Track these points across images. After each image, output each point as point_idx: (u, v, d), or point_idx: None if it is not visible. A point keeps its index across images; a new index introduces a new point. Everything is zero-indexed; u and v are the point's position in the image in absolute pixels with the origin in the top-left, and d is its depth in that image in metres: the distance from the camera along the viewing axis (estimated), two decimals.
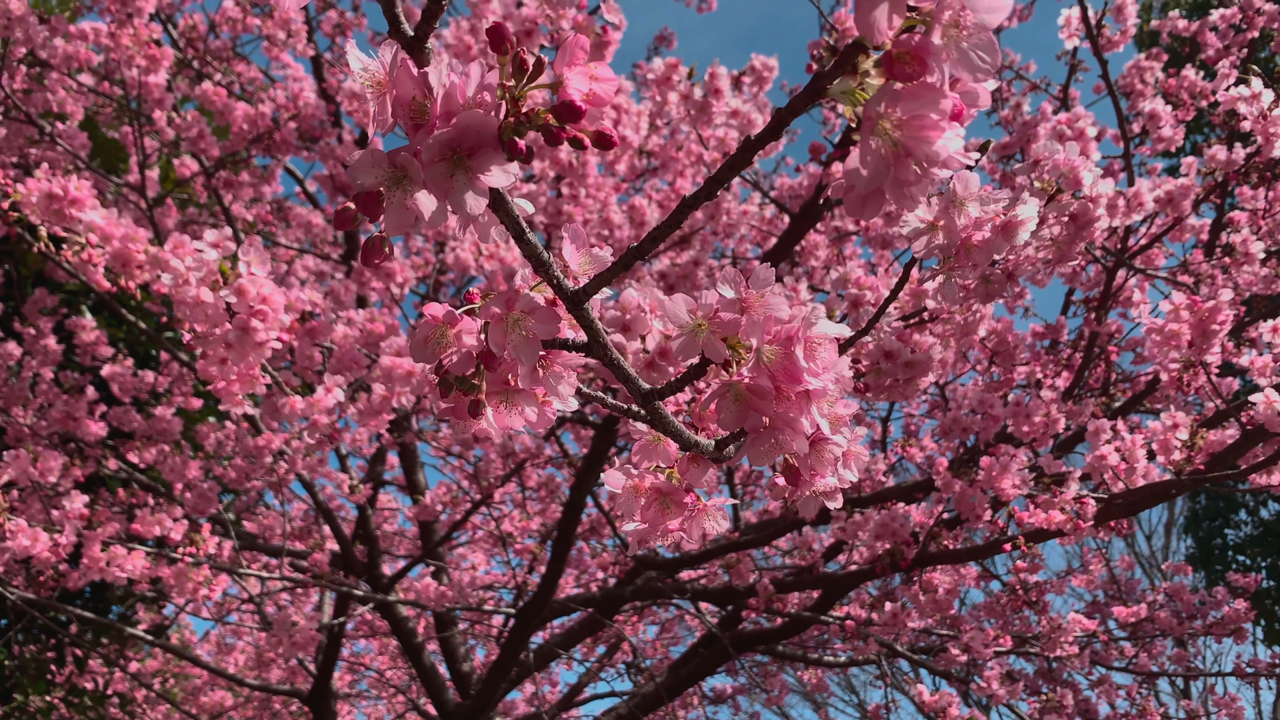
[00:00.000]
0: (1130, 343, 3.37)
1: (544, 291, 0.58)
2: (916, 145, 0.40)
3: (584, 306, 0.53)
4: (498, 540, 4.75)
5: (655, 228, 0.48)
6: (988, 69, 0.39)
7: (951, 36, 0.38)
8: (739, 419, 0.54)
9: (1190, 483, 2.17)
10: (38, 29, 2.86)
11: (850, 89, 0.40)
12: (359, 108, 3.17)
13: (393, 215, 0.44)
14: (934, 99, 0.38)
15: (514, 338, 0.53)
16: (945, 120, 0.39)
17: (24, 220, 1.96)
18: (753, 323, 0.52)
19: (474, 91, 0.42)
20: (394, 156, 0.43)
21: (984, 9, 0.38)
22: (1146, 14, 10.54)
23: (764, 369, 0.52)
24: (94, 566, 2.51)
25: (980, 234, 1.27)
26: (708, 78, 3.07)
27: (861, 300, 2.00)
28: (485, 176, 0.42)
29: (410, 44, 0.44)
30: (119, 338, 5.18)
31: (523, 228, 0.48)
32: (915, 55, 0.38)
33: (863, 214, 0.42)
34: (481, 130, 0.42)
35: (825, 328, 0.52)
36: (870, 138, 0.40)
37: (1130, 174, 2.87)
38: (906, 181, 0.40)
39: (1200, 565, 10.20)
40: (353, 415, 2.63)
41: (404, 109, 0.43)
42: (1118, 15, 3.19)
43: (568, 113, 0.42)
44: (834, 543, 3.47)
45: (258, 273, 1.65)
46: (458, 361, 0.56)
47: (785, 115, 0.42)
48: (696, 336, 0.54)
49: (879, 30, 0.38)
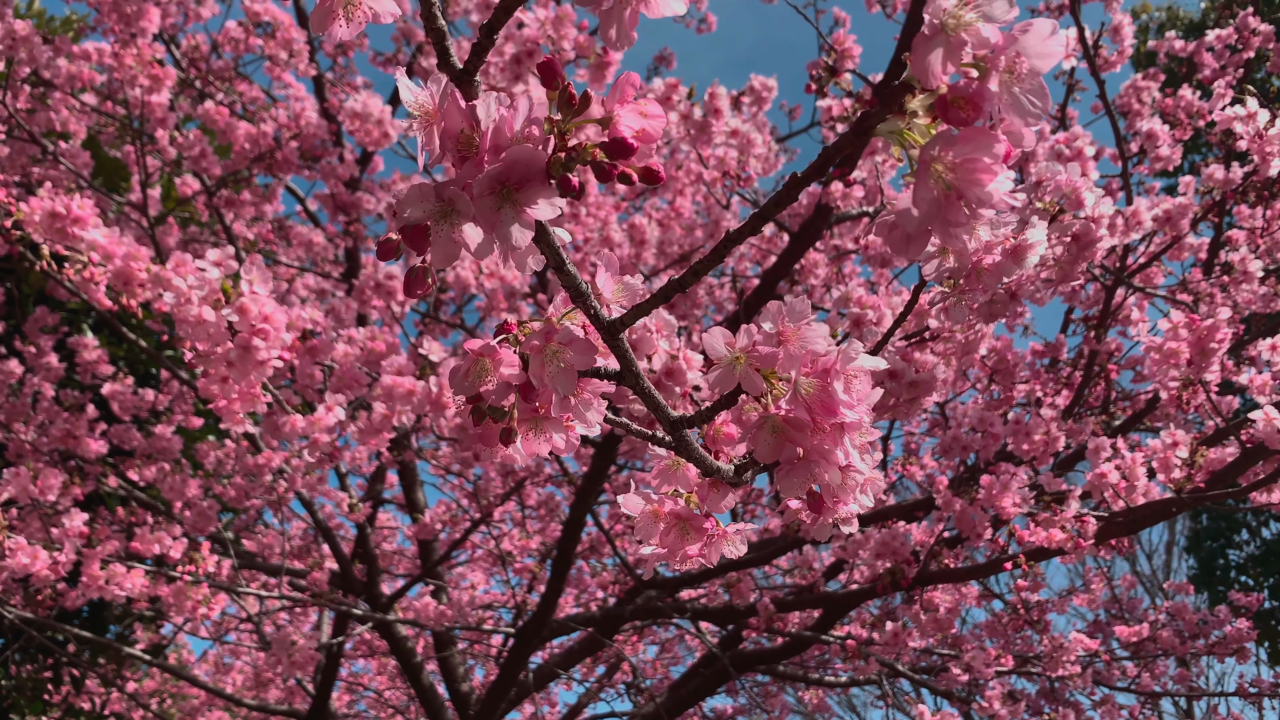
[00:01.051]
0: (1130, 361, 3.39)
1: (575, 319, 0.58)
2: (969, 188, 0.40)
3: (619, 336, 0.53)
4: (497, 559, 4.74)
5: (698, 262, 0.49)
6: (1038, 113, 0.39)
7: (1005, 82, 0.39)
8: (776, 451, 0.54)
9: (1191, 501, 2.18)
10: (42, 49, 2.87)
11: (898, 129, 0.41)
12: (360, 127, 3.18)
13: (439, 248, 0.44)
14: (989, 143, 0.39)
15: (552, 369, 0.54)
16: (999, 163, 0.39)
17: (26, 239, 1.96)
18: (790, 356, 0.52)
19: (522, 125, 0.43)
20: (442, 190, 0.44)
21: (1037, 55, 0.39)
22: (1144, 34, 10.64)
23: (802, 401, 0.52)
24: (93, 584, 2.50)
25: (991, 258, 1.28)
26: (707, 98, 3.09)
27: (863, 319, 2.01)
28: (532, 210, 0.43)
29: (459, 77, 0.45)
30: (119, 356, 5.17)
31: (563, 258, 0.49)
32: (971, 101, 0.38)
33: (908, 253, 0.42)
34: (530, 164, 0.42)
35: (863, 361, 0.52)
36: (927, 179, 0.40)
37: (1128, 193, 2.89)
38: (956, 223, 0.41)
39: (1202, 585, 10.19)
40: (353, 434, 2.63)
41: (452, 141, 0.44)
42: (1114, 36, 3.22)
43: (619, 149, 0.43)
44: (835, 562, 3.47)
45: (260, 291, 1.65)
46: (496, 392, 0.56)
47: (832, 153, 0.42)
48: (734, 369, 0.55)
49: (934, 75, 0.38)
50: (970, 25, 0.38)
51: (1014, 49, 0.38)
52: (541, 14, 3.41)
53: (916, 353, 2.05)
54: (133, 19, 2.96)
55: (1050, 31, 0.39)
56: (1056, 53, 0.39)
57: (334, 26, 0.45)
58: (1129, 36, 3.17)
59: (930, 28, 0.38)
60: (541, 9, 3.59)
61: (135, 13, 2.96)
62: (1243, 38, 3.39)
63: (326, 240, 4.36)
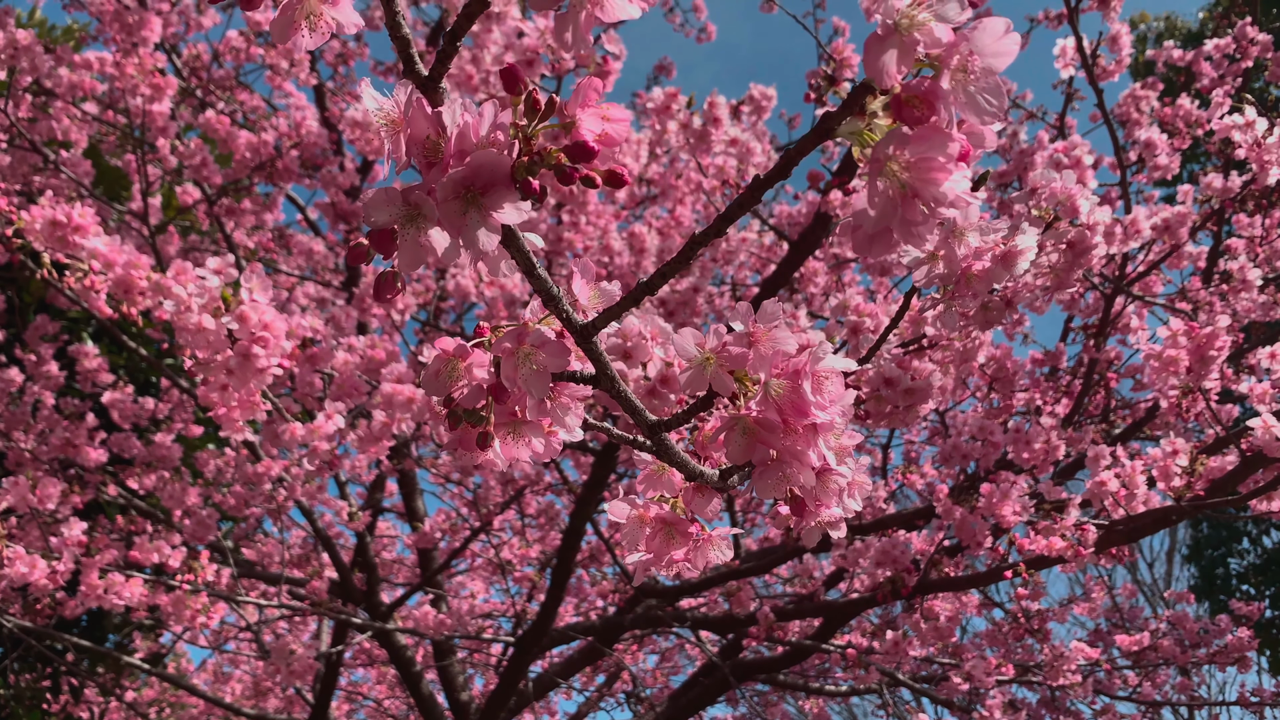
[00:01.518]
0: (1129, 369, 3.38)
1: (552, 324, 0.58)
2: (924, 187, 0.40)
3: (593, 340, 0.53)
4: (497, 568, 4.73)
5: (664, 265, 0.49)
6: (995, 112, 0.39)
7: (959, 81, 0.39)
8: (747, 452, 0.54)
9: (1191, 509, 2.17)
10: (44, 58, 2.89)
11: (859, 130, 0.41)
12: (360, 136, 3.19)
13: (406, 252, 0.45)
14: (942, 142, 0.39)
15: (524, 371, 0.54)
16: (953, 162, 0.39)
17: (27, 247, 1.97)
18: (761, 357, 0.52)
19: (487, 130, 0.43)
20: (408, 194, 0.44)
21: (991, 54, 0.39)
22: (1142, 44, 10.65)
23: (772, 403, 0.52)
24: (92, 593, 2.50)
25: (980, 263, 1.28)
26: (707, 107, 3.10)
27: (861, 327, 2.01)
28: (498, 214, 0.43)
29: (425, 84, 0.45)
30: (119, 364, 5.18)
31: (533, 263, 0.49)
32: (924, 99, 0.38)
33: (870, 252, 0.42)
34: (495, 169, 0.42)
35: (832, 362, 0.52)
36: (878, 179, 0.40)
37: (1127, 201, 2.88)
38: (914, 221, 0.41)
39: (1203, 594, 10.16)
40: (352, 442, 2.63)
41: (418, 147, 0.44)
42: (1112, 45, 3.22)
43: (580, 153, 0.43)
44: (835, 570, 3.47)
45: (260, 299, 1.65)
46: (468, 394, 0.56)
47: (794, 155, 0.43)
48: (704, 370, 0.55)
49: (888, 74, 0.38)
50: (923, 25, 0.38)
51: (967, 47, 0.39)
52: (541, 24, 3.42)
53: (914, 360, 2.05)
54: (135, 28, 2.97)
55: (1003, 30, 0.39)
56: (1010, 51, 0.39)
57: (296, 37, 0.45)
58: (1127, 46, 3.17)
59: (884, 28, 0.38)
60: (541, 19, 3.60)
61: (137, 22, 2.97)
62: (1241, 47, 3.39)
63: (327, 249, 4.37)
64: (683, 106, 3.15)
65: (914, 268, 1.15)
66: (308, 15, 0.45)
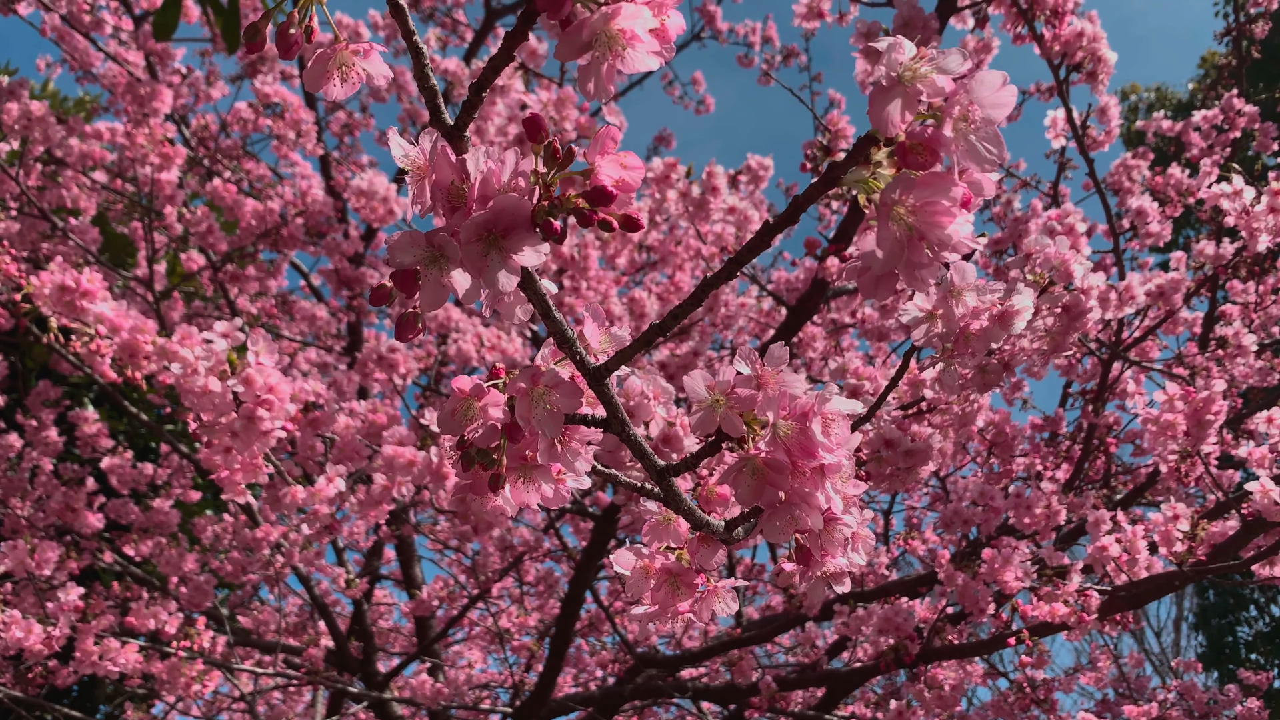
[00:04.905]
0: (1129, 434, 3.39)
1: (564, 368, 0.60)
2: (930, 230, 0.42)
3: (604, 382, 0.55)
4: (495, 637, 4.67)
5: (677, 306, 0.51)
6: (994, 160, 0.42)
7: (961, 129, 0.41)
8: (756, 494, 0.55)
9: (1193, 574, 2.16)
10: (56, 129, 2.95)
11: (864, 178, 0.43)
12: (365, 204, 3.24)
13: (428, 292, 0.46)
14: (945, 186, 0.41)
15: (538, 411, 0.55)
16: (956, 207, 0.41)
17: (35, 312, 1.99)
18: (769, 398, 0.54)
19: (509, 177, 0.45)
20: (432, 237, 0.46)
21: (990, 105, 0.41)
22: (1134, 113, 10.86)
23: (781, 443, 0.53)
24: (87, 659, 2.48)
25: (978, 323, 1.30)
26: (705, 176, 3.16)
27: (860, 390, 2.02)
28: (518, 256, 0.45)
29: (450, 132, 0.47)
30: (120, 430, 5.18)
31: (549, 305, 0.51)
32: (928, 146, 0.41)
33: (876, 294, 0.44)
34: (516, 212, 0.44)
35: (839, 404, 0.53)
36: (887, 222, 0.42)
37: (1121, 268, 2.92)
38: (920, 264, 0.43)
39: (1211, 663, 10.02)
40: (352, 506, 2.63)
41: (442, 193, 0.46)
42: (1101, 116, 3.29)
43: (600, 197, 0.45)
44: (837, 639, 3.43)
45: (265, 362, 1.67)
46: (483, 433, 0.57)
47: (803, 201, 0.45)
48: (714, 411, 0.56)
49: (893, 123, 0.41)
50: (926, 77, 0.41)
51: (967, 97, 0.41)
52: (544, 95, 3.51)
53: (913, 424, 2.06)
54: (146, 99, 3.04)
55: (1001, 82, 0.41)
56: (1008, 102, 0.41)
57: (328, 86, 0.48)
58: (1116, 117, 3.25)
59: (888, 79, 0.40)
60: (544, 90, 3.69)
61: (149, 93, 3.04)
62: (1228, 118, 3.47)
63: (329, 315, 4.41)
64: (682, 175, 3.22)
65: (913, 326, 1.17)
66: (340, 65, 0.47)
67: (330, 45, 0.47)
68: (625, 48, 0.43)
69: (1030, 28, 2.31)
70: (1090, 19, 2.38)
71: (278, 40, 0.45)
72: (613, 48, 0.43)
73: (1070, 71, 2.47)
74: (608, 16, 0.42)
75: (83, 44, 3.32)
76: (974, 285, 1.15)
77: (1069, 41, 2.36)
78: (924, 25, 2.23)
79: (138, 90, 3.04)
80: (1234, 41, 3.40)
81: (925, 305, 1.16)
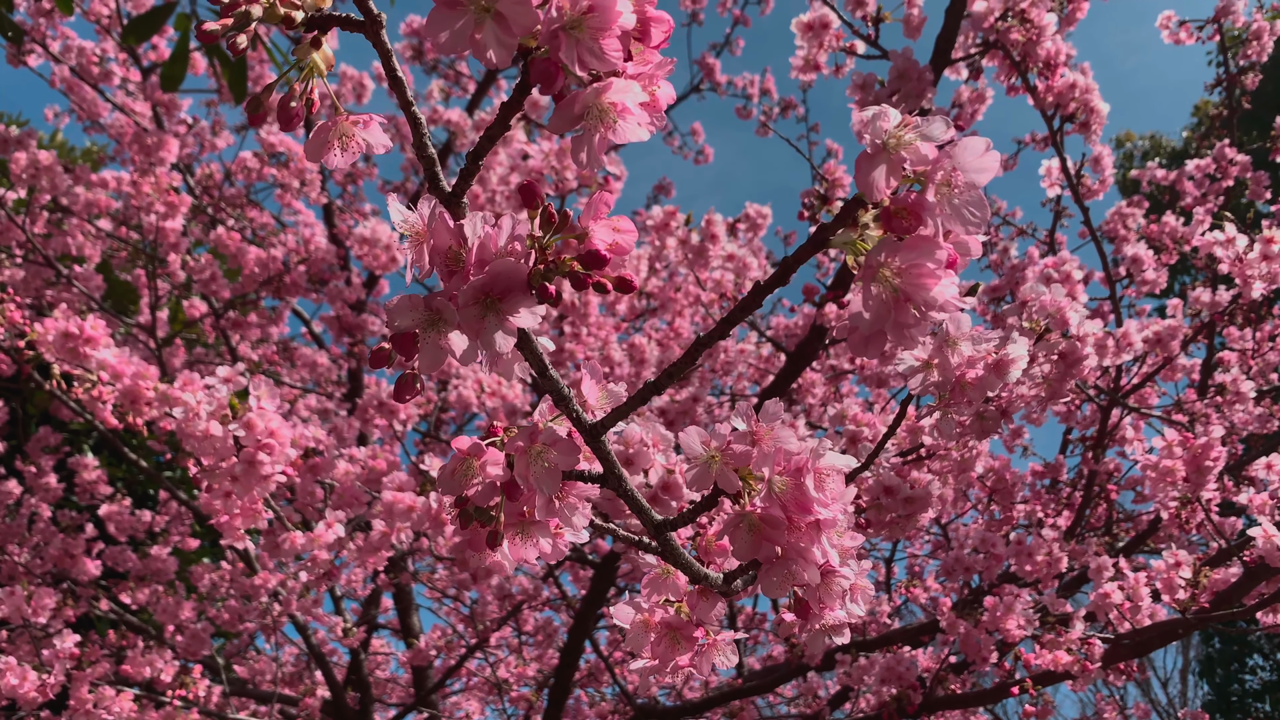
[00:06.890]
0: (1130, 481, 3.38)
1: (562, 424, 0.60)
2: (915, 291, 0.43)
3: (601, 439, 0.55)
4: (493, 687, 4.62)
5: (671, 365, 0.51)
6: (978, 223, 0.43)
7: (944, 194, 0.42)
8: (753, 549, 0.55)
9: (1196, 622, 2.15)
10: (63, 178, 2.98)
11: (852, 240, 0.44)
12: (368, 252, 3.27)
13: (427, 354, 0.47)
14: (930, 249, 0.42)
15: (536, 469, 0.56)
16: (941, 269, 0.42)
17: (38, 359, 2.00)
18: (764, 454, 0.54)
19: (505, 242, 0.46)
20: (430, 301, 0.47)
21: (973, 170, 0.43)
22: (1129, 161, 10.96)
23: (776, 499, 0.54)
24: (81, 708, 2.45)
25: (974, 371, 1.31)
26: (704, 224, 3.19)
27: (859, 436, 2.02)
28: (515, 318, 0.46)
29: (448, 199, 0.48)
30: (119, 476, 5.17)
31: (545, 364, 0.52)
32: (911, 211, 0.42)
33: (866, 353, 0.45)
34: (512, 276, 0.45)
35: (833, 459, 0.54)
36: (872, 284, 0.43)
37: (1118, 315, 2.94)
38: (906, 324, 0.44)
39: (1218, 711, 9.89)
40: (351, 553, 2.62)
41: (440, 257, 0.47)
42: (1095, 166, 3.33)
43: (593, 261, 0.46)
44: (840, 689, 3.39)
45: (267, 406, 1.68)
46: (482, 491, 0.58)
47: (792, 262, 0.46)
48: (709, 468, 0.57)
49: (878, 189, 0.42)
50: (910, 144, 0.42)
51: (950, 164, 0.42)
52: (546, 146, 3.55)
53: (912, 470, 2.06)
54: (153, 149, 3.08)
55: (984, 149, 0.43)
56: (990, 167, 0.43)
57: (328, 156, 0.49)
58: (1109, 166, 3.28)
59: (873, 147, 0.42)
60: (545, 141, 3.74)
61: (156, 143, 3.08)
62: (1221, 167, 3.51)
63: (330, 361, 4.42)
64: (681, 224, 3.25)
65: (909, 376, 1.18)
66: (340, 136, 0.49)
67: (331, 119, 0.48)
68: (616, 120, 0.45)
69: (1024, 79, 2.35)
70: (1083, 71, 2.42)
71: (278, 113, 0.47)
72: (604, 120, 0.45)
73: (1064, 122, 2.51)
74: (599, 90, 0.44)
75: (91, 95, 3.37)
76: (969, 334, 1.16)
77: (1061, 93, 2.39)
78: (919, 77, 2.27)
79: (144, 140, 3.08)
80: (1226, 92, 3.45)
81: (921, 354, 1.17)
